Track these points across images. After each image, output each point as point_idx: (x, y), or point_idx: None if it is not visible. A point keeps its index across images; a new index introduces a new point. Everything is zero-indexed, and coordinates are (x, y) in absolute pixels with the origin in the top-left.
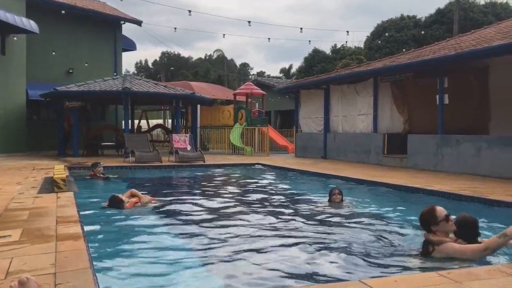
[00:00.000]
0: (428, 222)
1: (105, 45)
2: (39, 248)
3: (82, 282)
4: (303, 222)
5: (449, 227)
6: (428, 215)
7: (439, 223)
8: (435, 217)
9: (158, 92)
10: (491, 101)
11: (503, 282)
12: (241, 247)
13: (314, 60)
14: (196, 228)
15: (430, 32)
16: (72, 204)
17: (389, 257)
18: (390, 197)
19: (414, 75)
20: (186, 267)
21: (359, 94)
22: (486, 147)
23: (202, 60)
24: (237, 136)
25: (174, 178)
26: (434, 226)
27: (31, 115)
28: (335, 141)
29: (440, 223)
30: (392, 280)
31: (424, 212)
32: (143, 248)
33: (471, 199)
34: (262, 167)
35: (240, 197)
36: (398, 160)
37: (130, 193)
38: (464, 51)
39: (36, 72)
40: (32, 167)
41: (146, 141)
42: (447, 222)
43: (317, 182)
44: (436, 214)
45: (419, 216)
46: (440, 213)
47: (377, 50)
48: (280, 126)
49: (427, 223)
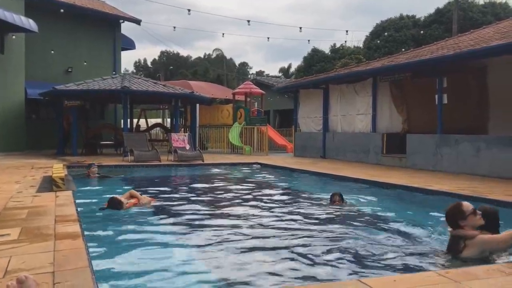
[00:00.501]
0: (455, 218)
1: (104, 44)
2: (37, 247)
3: (81, 281)
4: (302, 221)
5: (477, 221)
6: (455, 210)
7: (467, 217)
8: (462, 212)
9: (157, 91)
10: (490, 101)
11: (502, 282)
12: (240, 246)
13: (313, 60)
14: (195, 228)
15: (429, 32)
16: (71, 203)
17: (392, 257)
18: (388, 197)
19: (413, 75)
20: (184, 266)
21: (358, 94)
22: (485, 147)
23: (201, 59)
24: (236, 135)
25: (173, 178)
26: (462, 221)
27: (30, 114)
28: (334, 141)
29: (468, 217)
30: (391, 279)
31: (450, 208)
32: (142, 247)
33: (470, 199)
34: (261, 166)
35: (238, 197)
36: (397, 160)
37: (129, 194)
38: (463, 51)
39: (35, 71)
40: (31, 166)
41: (145, 140)
42: (475, 216)
43: (316, 182)
44: (463, 209)
45: (446, 212)
46: (467, 207)
47: (376, 49)
48: (279, 125)
49: (455, 219)
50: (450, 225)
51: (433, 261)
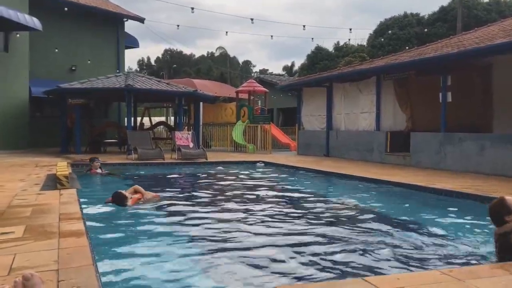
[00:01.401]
0: (500, 214)
1: (108, 43)
2: (42, 244)
3: (85, 278)
4: (305, 220)
5: None
6: (499, 207)
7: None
8: (507, 207)
9: (160, 89)
10: (494, 99)
11: (506, 281)
12: (243, 243)
13: (317, 58)
14: (199, 225)
15: (433, 30)
16: (75, 201)
17: (396, 256)
18: (393, 195)
19: (417, 73)
20: (189, 263)
21: (361, 92)
22: (489, 146)
23: (205, 58)
24: (239, 133)
25: (177, 175)
26: (508, 216)
27: (34, 112)
28: (338, 139)
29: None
30: (394, 278)
31: (493, 204)
32: (146, 244)
33: (474, 197)
34: (264, 164)
35: (242, 195)
36: (401, 158)
37: (133, 189)
38: (467, 49)
39: (39, 69)
40: (35, 164)
41: (149, 138)
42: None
43: (320, 180)
44: (508, 203)
45: (489, 209)
46: (510, 202)
47: (380, 48)
48: (283, 123)
49: (500, 215)
50: (495, 222)
51: (436, 259)
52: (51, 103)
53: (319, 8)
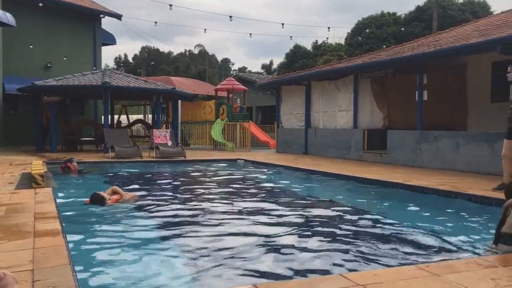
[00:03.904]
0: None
1: (84, 39)
2: (16, 244)
3: (61, 278)
4: (283, 217)
5: None
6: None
7: None
8: None
9: (138, 87)
10: (468, 98)
11: (480, 274)
12: (222, 242)
13: (295, 56)
14: (177, 224)
15: (410, 29)
16: (50, 200)
17: (374, 253)
18: (370, 193)
19: (394, 72)
20: (167, 262)
21: (339, 90)
22: (464, 143)
23: (183, 55)
24: (218, 131)
25: (155, 174)
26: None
27: (8, 110)
28: (316, 137)
29: None
30: (372, 273)
31: None
32: (123, 244)
33: (449, 194)
34: (244, 162)
35: (221, 193)
36: (378, 156)
37: (111, 190)
38: (443, 48)
39: (13, 65)
40: (9, 162)
41: (126, 136)
42: None
43: (298, 178)
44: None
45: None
46: None
47: (357, 46)
48: (262, 122)
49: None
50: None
51: (415, 255)
52: (25, 100)
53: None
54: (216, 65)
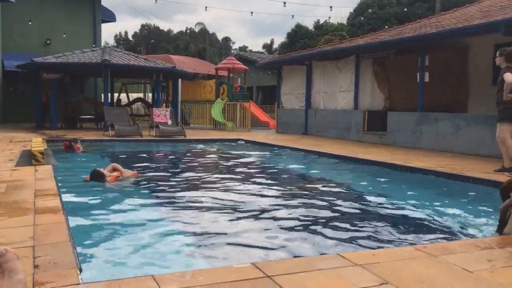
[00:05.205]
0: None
1: (83, 16)
2: (17, 221)
3: (62, 255)
4: (283, 196)
5: None
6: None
7: None
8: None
9: (138, 65)
10: (470, 80)
11: (477, 256)
12: (223, 220)
13: (297, 36)
14: (177, 202)
15: (413, 10)
16: (50, 177)
17: (373, 233)
18: (369, 173)
19: (396, 53)
20: (167, 240)
21: (340, 71)
22: (464, 125)
23: (183, 34)
24: (218, 111)
25: (155, 152)
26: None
27: (8, 87)
28: (316, 118)
29: None
30: (370, 253)
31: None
32: (124, 221)
33: (449, 176)
34: (243, 142)
35: (221, 172)
36: (377, 137)
37: (111, 167)
38: (445, 29)
39: (13, 42)
40: (9, 139)
41: (126, 115)
42: None
43: (297, 158)
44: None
45: (500, 189)
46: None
47: (359, 27)
48: (262, 102)
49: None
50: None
51: (412, 236)
52: (25, 77)
53: None
54: (217, 44)
